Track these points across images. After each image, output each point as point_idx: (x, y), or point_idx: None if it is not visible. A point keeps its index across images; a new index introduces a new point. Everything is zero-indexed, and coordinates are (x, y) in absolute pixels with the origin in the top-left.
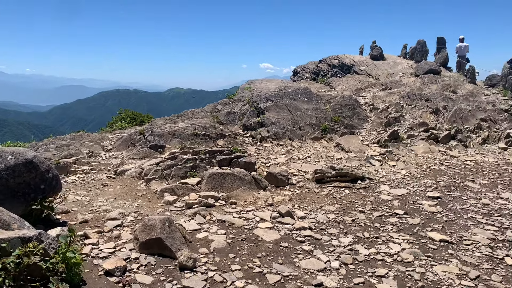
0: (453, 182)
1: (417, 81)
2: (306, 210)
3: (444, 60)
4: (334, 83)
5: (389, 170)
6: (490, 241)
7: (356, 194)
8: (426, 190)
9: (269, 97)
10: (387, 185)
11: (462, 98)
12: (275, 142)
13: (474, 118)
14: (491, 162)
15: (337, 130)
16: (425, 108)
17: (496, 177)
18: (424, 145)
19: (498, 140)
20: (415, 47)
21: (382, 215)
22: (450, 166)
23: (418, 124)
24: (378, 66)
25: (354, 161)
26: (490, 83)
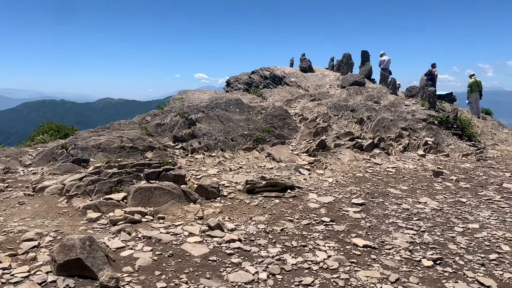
0: (376, 188)
1: (344, 92)
2: (236, 221)
3: (368, 72)
4: (266, 94)
5: (317, 178)
6: (409, 245)
7: (286, 203)
8: (351, 197)
9: (200, 108)
10: (315, 193)
11: (385, 108)
12: (207, 154)
13: (395, 127)
14: (411, 168)
15: (269, 140)
16: (351, 118)
17: (415, 182)
18: (350, 153)
19: (417, 148)
20: (341, 60)
21: (310, 223)
22: (373, 173)
23: (344, 134)
24: (307, 78)
25: (284, 171)
26: (409, 94)
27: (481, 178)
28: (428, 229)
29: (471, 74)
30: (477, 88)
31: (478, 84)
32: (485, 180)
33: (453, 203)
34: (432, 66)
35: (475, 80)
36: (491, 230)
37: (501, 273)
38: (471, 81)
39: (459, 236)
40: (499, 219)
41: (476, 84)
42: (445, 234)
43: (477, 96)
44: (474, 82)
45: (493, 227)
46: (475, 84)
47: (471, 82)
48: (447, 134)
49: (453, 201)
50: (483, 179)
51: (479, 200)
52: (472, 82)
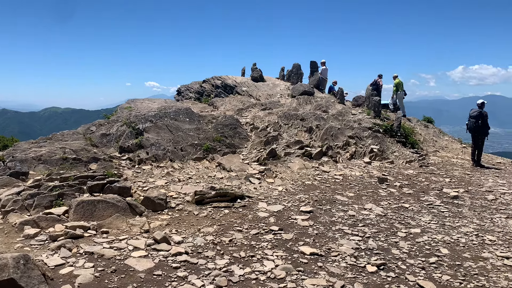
0: (324, 196)
1: (294, 101)
2: (184, 234)
3: (317, 82)
4: (217, 103)
5: (267, 187)
6: (354, 251)
7: (235, 213)
8: (300, 205)
9: (148, 117)
10: (265, 202)
11: (333, 117)
12: (155, 164)
13: (343, 135)
14: (358, 175)
15: (219, 150)
16: (301, 127)
17: (362, 189)
18: (299, 161)
19: (364, 155)
20: (291, 70)
21: (259, 233)
22: (322, 180)
23: (294, 142)
24: (258, 87)
25: (234, 180)
26: (356, 103)
27: (423, 184)
28: (373, 235)
29: (395, 75)
30: (402, 88)
31: (402, 84)
32: (427, 186)
33: (397, 208)
34: (378, 76)
35: (400, 81)
36: (431, 234)
37: (439, 276)
38: (397, 81)
39: (401, 241)
40: (438, 223)
41: (401, 85)
42: (389, 239)
43: (402, 94)
44: (400, 82)
45: (433, 231)
46: (400, 84)
47: (397, 82)
48: (392, 142)
49: (396, 206)
50: (425, 185)
51: (421, 205)
52: (398, 82)
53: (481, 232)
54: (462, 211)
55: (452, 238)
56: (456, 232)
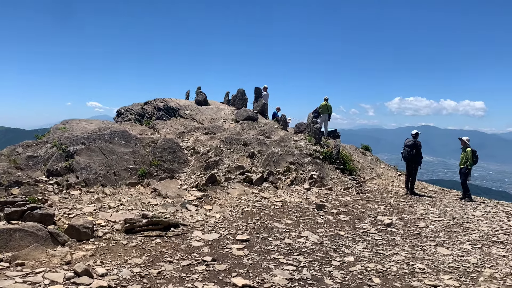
0: (262, 223)
1: (237, 126)
2: (109, 265)
3: (261, 108)
4: (158, 125)
5: (204, 214)
6: (287, 281)
7: (168, 242)
8: (237, 233)
9: (80, 139)
10: (200, 231)
11: (275, 143)
12: (85, 189)
13: (284, 161)
14: (297, 202)
15: (156, 175)
16: (243, 152)
17: (300, 216)
18: (240, 187)
19: (304, 181)
20: (236, 95)
21: (190, 264)
22: (261, 207)
23: (235, 168)
24: (202, 111)
25: (170, 207)
26: (298, 130)
27: (359, 211)
28: (308, 264)
29: (325, 98)
30: (327, 111)
31: (328, 108)
32: (363, 213)
33: (333, 236)
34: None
35: (325, 104)
36: (364, 263)
37: None
38: (322, 104)
39: (335, 270)
40: (372, 251)
41: (326, 108)
42: (323, 269)
43: (326, 118)
44: (325, 105)
45: (367, 260)
46: (325, 107)
47: (322, 105)
48: (331, 169)
49: (332, 234)
50: (361, 212)
51: (356, 232)
52: (323, 105)
53: (412, 260)
54: (395, 238)
55: (384, 266)
56: (388, 260)
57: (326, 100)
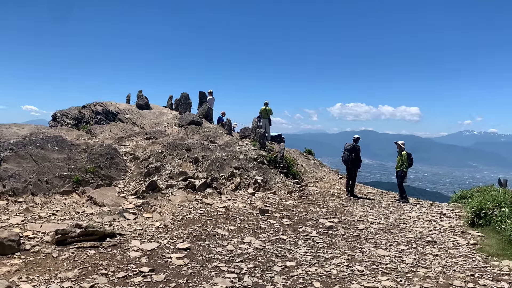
0: (204, 230)
1: (181, 131)
2: (36, 281)
3: (206, 112)
4: (96, 130)
5: (143, 223)
6: None
7: (103, 254)
8: (177, 241)
9: (8, 145)
10: (138, 240)
11: (220, 148)
12: (12, 199)
13: (229, 166)
14: (240, 207)
15: (92, 182)
16: (186, 158)
17: (243, 221)
18: (182, 194)
19: (248, 186)
20: (179, 99)
21: (126, 276)
22: (204, 214)
23: (178, 174)
24: (143, 115)
25: (106, 216)
26: (243, 134)
27: (302, 214)
28: (249, 270)
29: (265, 102)
30: (267, 116)
31: (268, 112)
32: (305, 216)
33: (275, 241)
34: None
35: (265, 108)
36: (306, 267)
37: None
38: (262, 109)
39: (277, 275)
40: (313, 255)
41: (266, 112)
42: (265, 275)
43: (267, 122)
44: (264, 109)
45: (308, 264)
46: (264, 111)
47: (262, 110)
48: (275, 173)
49: (275, 239)
50: (303, 215)
51: (298, 236)
52: (263, 109)
53: (352, 262)
54: (336, 241)
55: (325, 270)
56: (329, 263)
57: (266, 105)
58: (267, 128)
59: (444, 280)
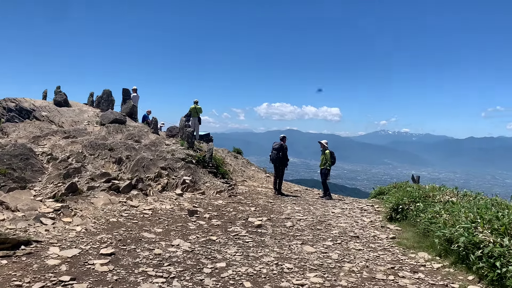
0: (130, 234)
1: (103, 130)
2: None
3: (130, 110)
4: (8, 129)
5: (63, 228)
6: None
7: (17, 263)
8: (100, 246)
9: None
10: (58, 247)
11: (145, 148)
12: None
13: (155, 166)
14: (168, 208)
15: (4, 185)
16: (109, 158)
17: (171, 223)
18: (105, 196)
19: (176, 187)
20: (101, 96)
21: (44, 286)
22: (129, 216)
23: (100, 175)
24: (62, 113)
25: (20, 222)
26: (170, 133)
27: (231, 214)
28: (178, 274)
29: (195, 101)
30: (196, 114)
31: (198, 111)
32: (234, 216)
33: (205, 242)
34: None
35: (195, 107)
36: (236, 267)
37: None
38: (192, 107)
39: (207, 278)
40: (243, 255)
41: (196, 111)
42: (194, 278)
43: (196, 121)
44: (194, 108)
45: (238, 264)
46: (194, 110)
47: (191, 108)
48: (204, 173)
49: (204, 240)
50: (232, 215)
51: (227, 236)
52: (192, 108)
53: (281, 260)
54: (265, 240)
55: (255, 269)
56: (259, 262)
57: (196, 103)
58: (196, 127)
59: (368, 274)
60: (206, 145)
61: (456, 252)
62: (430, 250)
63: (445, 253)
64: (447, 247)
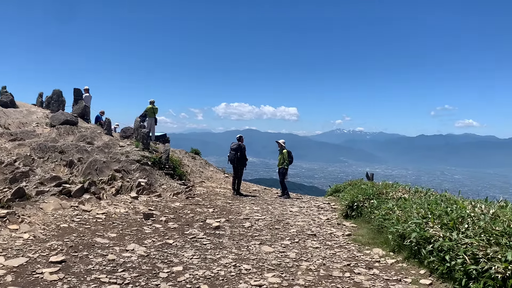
0: (82, 240)
1: (53, 132)
2: None
3: (82, 111)
4: None
5: (9, 236)
6: None
7: None
8: (50, 254)
9: None
10: (3, 256)
11: (98, 150)
12: None
13: (109, 169)
14: (122, 212)
15: None
16: (59, 161)
17: (125, 228)
18: (55, 201)
19: (131, 190)
20: (51, 97)
21: None
22: (81, 222)
23: (50, 179)
24: (8, 114)
25: None
26: (124, 135)
27: (189, 216)
28: (133, 280)
29: (151, 101)
30: (153, 115)
31: (154, 111)
32: (192, 218)
33: (161, 246)
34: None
35: (152, 107)
36: (193, 271)
37: None
38: (148, 107)
39: (163, 282)
40: (200, 257)
41: (152, 111)
42: (150, 283)
43: (153, 121)
44: (151, 108)
45: (195, 267)
46: (151, 110)
47: (148, 108)
48: (160, 174)
49: (160, 244)
50: (190, 217)
51: (185, 239)
52: (149, 108)
53: (239, 261)
54: (223, 241)
55: (212, 272)
56: (217, 264)
57: (152, 103)
58: (152, 127)
59: (325, 272)
60: (162, 146)
61: (409, 247)
62: (384, 246)
63: (398, 248)
64: (400, 242)
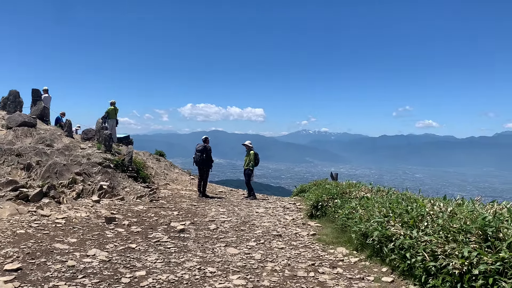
0: (40, 246)
1: (9, 134)
2: None
3: (41, 112)
4: None
5: None
6: None
7: None
8: (5, 262)
9: None
10: None
11: (58, 152)
12: None
13: (69, 172)
14: (84, 216)
15: None
16: (16, 164)
17: (86, 232)
18: (11, 206)
19: (92, 193)
20: (7, 97)
21: None
22: (39, 227)
23: (6, 183)
24: None
25: None
26: (86, 137)
27: (153, 219)
28: (94, 286)
29: (112, 102)
30: (115, 116)
31: (116, 112)
32: (156, 221)
33: (123, 250)
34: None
35: (114, 108)
36: (157, 275)
37: None
38: (110, 109)
39: None
40: (164, 261)
41: (114, 112)
42: None
43: (114, 123)
44: (113, 109)
45: (159, 271)
46: (113, 111)
47: (110, 110)
48: (123, 177)
49: (123, 248)
50: (154, 220)
51: (148, 243)
52: (111, 109)
53: (204, 264)
54: (188, 244)
55: (176, 275)
56: (181, 268)
57: (113, 104)
58: (114, 129)
59: (290, 272)
60: (125, 148)
61: (371, 245)
62: (347, 245)
63: (361, 247)
64: (363, 241)
